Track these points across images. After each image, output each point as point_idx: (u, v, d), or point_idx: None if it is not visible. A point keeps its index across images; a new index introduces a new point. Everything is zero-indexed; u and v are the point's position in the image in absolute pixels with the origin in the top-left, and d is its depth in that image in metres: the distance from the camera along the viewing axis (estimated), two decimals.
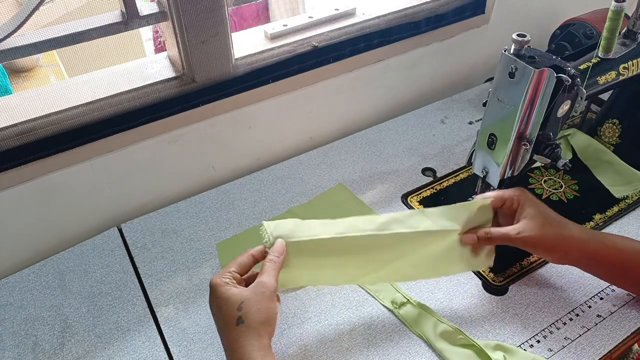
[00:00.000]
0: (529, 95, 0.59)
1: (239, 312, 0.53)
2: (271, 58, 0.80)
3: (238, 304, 0.53)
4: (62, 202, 0.75)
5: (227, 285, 0.55)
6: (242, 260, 0.58)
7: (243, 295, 0.54)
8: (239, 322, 0.52)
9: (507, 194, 0.64)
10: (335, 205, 0.80)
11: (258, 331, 0.52)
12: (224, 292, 0.54)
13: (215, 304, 0.55)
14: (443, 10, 0.93)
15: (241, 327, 0.52)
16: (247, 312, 0.53)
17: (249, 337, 0.52)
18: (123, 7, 0.66)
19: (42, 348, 0.64)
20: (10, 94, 1.32)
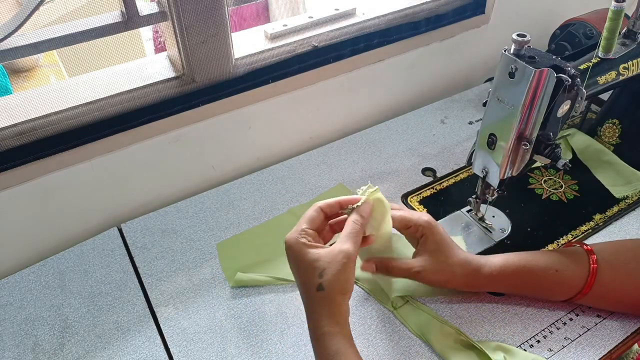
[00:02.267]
0: (529, 95, 0.59)
1: (320, 280, 0.52)
2: (271, 58, 0.80)
3: (320, 270, 0.52)
4: (62, 202, 0.75)
5: (305, 245, 0.54)
6: (312, 215, 0.56)
7: (325, 262, 0.52)
8: (320, 288, 0.52)
9: (413, 219, 0.61)
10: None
11: (337, 301, 0.52)
12: (305, 253, 0.53)
13: (295, 265, 0.54)
14: (443, 10, 0.93)
15: (321, 293, 0.52)
16: (328, 281, 0.52)
17: (326, 307, 0.52)
18: (123, 7, 0.66)
19: (42, 348, 0.64)
20: (10, 94, 1.32)
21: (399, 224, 0.62)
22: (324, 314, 0.52)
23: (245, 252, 0.73)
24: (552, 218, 0.78)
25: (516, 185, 0.79)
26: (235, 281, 0.69)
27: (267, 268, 0.71)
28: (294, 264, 0.54)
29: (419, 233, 0.61)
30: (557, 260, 0.62)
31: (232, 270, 0.71)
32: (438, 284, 0.63)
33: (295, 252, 0.54)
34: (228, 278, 0.70)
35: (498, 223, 0.77)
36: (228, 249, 0.74)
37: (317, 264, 0.52)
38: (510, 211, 0.78)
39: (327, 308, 0.52)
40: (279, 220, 0.78)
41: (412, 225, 0.61)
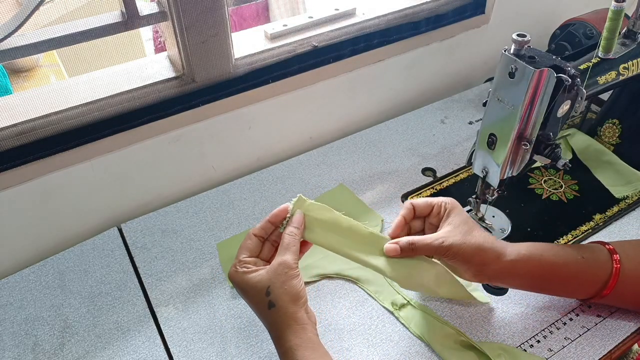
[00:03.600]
0: (529, 95, 0.59)
1: (268, 297, 0.53)
2: (271, 58, 0.80)
3: (265, 289, 0.54)
4: (62, 202, 0.75)
5: (245, 272, 0.55)
6: (246, 244, 0.58)
7: (267, 279, 0.54)
8: (271, 305, 0.53)
9: (435, 200, 0.61)
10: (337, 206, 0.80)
11: (291, 310, 0.53)
12: (247, 280, 0.55)
13: (244, 294, 0.56)
14: (443, 10, 0.93)
15: (274, 310, 0.53)
16: (276, 296, 0.53)
17: (283, 321, 0.53)
18: (123, 7, 0.66)
19: (42, 348, 0.64)
20: (10, 94, 1.32)
21: (423, 207, 0.61)
22: (283, 330, 0.53)
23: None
24: (552, 218, 0.78)
25: (516, 185, 0.79)
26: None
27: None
28: (243, 294, 0.56)
29: (443, 210, 0.60)
30: (581, 254, 0.60)
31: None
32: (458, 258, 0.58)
33: (238, 282, 0.55)
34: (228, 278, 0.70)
35: (498, 223, 0.77)
36: (228, 249, 0.74)
37: (260, 284, 0.54)
38: (510, 211, 0.78)
39: (283, 323, 0.53)
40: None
41: (436, 205, 0.61)
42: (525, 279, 0.60)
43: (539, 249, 0.60)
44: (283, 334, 0.53)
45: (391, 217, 0.79)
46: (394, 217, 0.78)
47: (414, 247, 0.58)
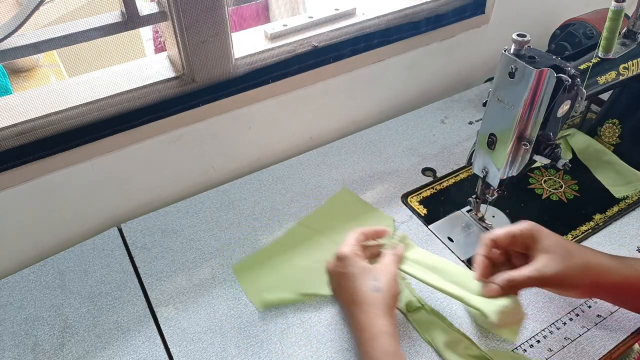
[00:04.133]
0: (529, 95, 0.59)
1: (375, 282, 0.57)
2: (271, 58, 0.80)
3: (374, 274, 0.58)
4: (62, 202, 0.75)
5: (358, 256, 0.59)
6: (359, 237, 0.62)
7: (378, 269, 0.58)
8: (376, 289, 0.56)
9: (516, 230, 0.58)
10: (344, 211, 0.79)
11: (391, 303, 0.56)
12: (359, 261, 0.59)
13: (349, 273, 0.58)
14: (443, 10, 0.93)
15: (378, 294, 0.56)
16: (384, 283, 0.57)
17: (382, 307, 0.55)
18: (123, 7, 0.66)
19: (42, 348, 0.64)
20: (10, 94, 1.32)
21: (504, 240, 0.59)
22: (380, 314, 0.55)
23: (265, 272, 0.71)
24: (552, 218, 0.78)
25: (516, 185, 0.79)
26: (262, 303, 0.66)
27: (291, 285, 0.68)
28: (349, 272, 0.58)
29: (528, 237, 0.58)
30: None
31: (255, 292, 0.68)
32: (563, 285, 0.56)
33: (351, 261, 0.59)
34: (253, 301, 0.67)
35: (498, 223, 0.77)
36: (246, 271, 0.71)
37: (372, 270, 0.58)
38: (510, 211, 0.78)
39: (383, 308, 0.55)
40: (292, 235, 0.76)
41: (518, 234, 0.58)
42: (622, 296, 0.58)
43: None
44: (378, 318, 0.54)
45: (391, 216, 0.79)
46: (394, 216, 0.78)
47: (515, 284, 0.57)
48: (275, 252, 0.73)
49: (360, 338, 0.55)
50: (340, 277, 0.59)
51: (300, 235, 0.76)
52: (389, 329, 0.54)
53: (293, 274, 0.70)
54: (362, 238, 0.63)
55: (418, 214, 0.79)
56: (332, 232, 0.75)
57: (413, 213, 0.79)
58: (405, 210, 0.80)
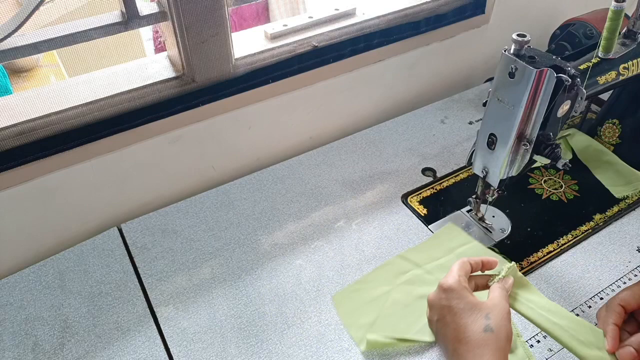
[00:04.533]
0: (529, 95, 0.59)
1: (487, 321, 0.51)
2: (271, 58, 0.80)
3: (486, 312, 0.51)
4: (62, 202, 0.75)
5: (466, 289, 0.53)
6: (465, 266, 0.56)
7: (490, 305, 0.52)
8: (487, 329, 0.50)
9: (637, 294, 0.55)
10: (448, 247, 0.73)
11: (503, 345, 0.50)
12: (468, 296, 0.53)
13: (456, 307, 0.52)
14: (443, 10, 0.93)
15: (489, 335, 0.50)
16: (497, 322, 0.51)
17: (493, 349, 0.49)
18: (123, 7, 0.66)
19: (42, 348, 0.64)
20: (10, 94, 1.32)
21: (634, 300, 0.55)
22: (491, 356, 0.49)
23: (365, 305, 0.67)
24: (552, 218, 0.78)
25: (516, 185, 0.79)
26: (368, 344, 0.61)
27: (392, 324, 0.64)
28: (454, 306, 0.53)
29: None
30: None
31: (355, 327, 0.64)
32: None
33: (458, 293, 0.53)
34: (353, 337, 0.63)
35: (498, 223, 0.77)
36: (346, 302, 0.67)
37: (482, 306, 0.52)
38: (510, 211, 0.78)
39: (494, 351, 0.50)
40: (390, 266, 0.71)
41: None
42: None
43: None
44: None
45: (391, 216, 0.79)
46: (394, 216, 0.78)
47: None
48: (374, 283, 0.69)
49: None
50: (445, 311, 0.53)
51: (399, 267, 0.71)
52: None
53: (393, 311, 0.65)
54: (469, 269, 0.57)
55: (418, 214, 0.79)
56: (434, 268, 0.70)
57: (413, 213, 0.79)
58: (405, 210, 0.80)
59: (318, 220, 0.79)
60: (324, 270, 0.72)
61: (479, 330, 0.50)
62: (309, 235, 0.77)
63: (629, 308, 0.55)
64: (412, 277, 0.69)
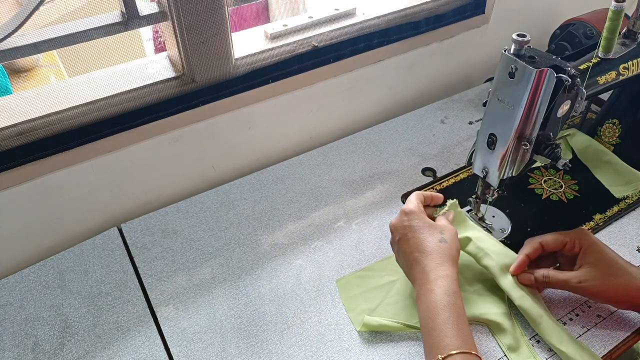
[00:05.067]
0: (529, 95, 0.59)
1: (442, 235, 0.61)
2: (271, 58, 0.80)
3: (440, 229, 0.62)
4: (62, 202, 0.75)
5: (424, 213, 0.64)
6: (421, 196, 0.67)
7: (443, 225, 0.63)
8: (442, 240, 0.61)
9: (567, 237, 0.62)
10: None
11: (454, 255, 0.60)
12: (425, 218, 0.64)
13: (417, 225, 0.62)
14: (443, 10, 0.93)
15: (444, 244, 0.60)
16: (449, 237, 0.61)
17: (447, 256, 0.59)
18: (123, 7, 0.66)
19: (42, 348, 0.64)
20: (10, 94, 1.32)
21: (554, 244, 0.63)
22: (444, 262, 0.59)
23: (369, 292, 0.68)
24: (552, 218, 0.78)
25: (516, 185, 0.79)
26: (364, 325, 0.63)
27: (394, 313, 0.65)
28: (415, 225, 0.62)
29: (577, 247, 0.62)
30: None
31: (356, 311, 0.66)
32: (599, 297, 0.61)
33: (418, 215, 0.63)
34: (353, 320, 0.65)
35: (498, 223, 0.77)
36: (349, 287, 0.69)
37: (436, 225, 0.63)
38: (510, 211, 0.78)
39: (449, 258, 0.59)
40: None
41: (568, 242, 0.62)
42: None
43: None
44: (443, 264, 0.58)
45: (391, 216, 0.78)
46: (394, 216, 0.78)
47: (548, 281, 0.61)
48: (379, 272, 0.70)
49: (423, 280, 0.58)
50: (407, 230, 0.62)
51: None
52: (453, 274, 0.58)
53: (396, 300, 0.66)
54: (423, 199, 0.67)
55: None
56: None
57: None
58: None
59: (318, 220, 0.79)
60: (324, 270, 0.72)
61: (436, 241, 0.60)
62: (309, 235, 0.77)
63: (547, 248, 0.64)
64: None
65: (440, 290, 0.56)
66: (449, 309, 0.55)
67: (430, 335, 0.55)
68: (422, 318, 0.57)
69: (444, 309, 0.55)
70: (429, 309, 0.56)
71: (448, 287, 0.56)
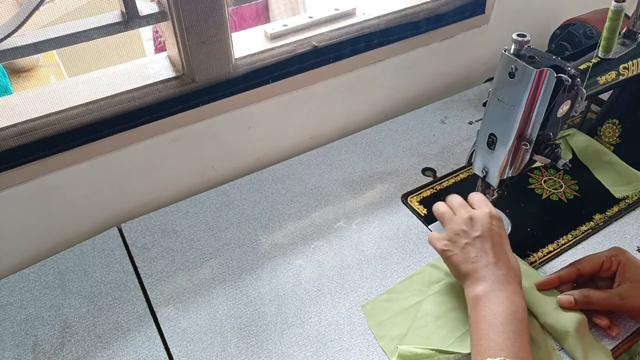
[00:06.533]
0: (529, 95, 0.59)
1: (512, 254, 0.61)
2: (271, 58, 0.80)
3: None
4: (62, 202, 0.75)
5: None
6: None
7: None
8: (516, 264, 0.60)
9: (603, 256, 0.62)
10: None
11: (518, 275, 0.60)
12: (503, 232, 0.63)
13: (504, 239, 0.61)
14: (443, 10, 0.93)
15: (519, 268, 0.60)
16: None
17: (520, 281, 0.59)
18: (123, 7, 0.66)
19: (42, 348, 0.64)
20: (10, 94, 1.32)
21: (590, 266, 0.63)
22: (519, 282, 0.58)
23: (396, 316, 0.66)
24: (552, 218, 0.78)
25: (516, 185, 0.79)
26: (399, 356, 0.61)
27: (426, 336, 0.63)
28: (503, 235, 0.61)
29: (615, 264, 0.62)
30: None
31: (387, 339, 0.63)
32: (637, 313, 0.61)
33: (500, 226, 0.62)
34: (385, 349, 0.62)
35: None
36: (375, 313, 0.66)
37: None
38: (510, 211, 0.78)
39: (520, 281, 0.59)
40: (421, 275, 0.70)
41: (605, 260, 0.62)
42: None
43: None
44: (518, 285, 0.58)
45: (391, 216, 0.79)
46: (394, 216, 0.78)
47: (589, 300, 0.60)
48: (404, 294, 0.68)
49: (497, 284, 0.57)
50: (494, 234, 0.60)
51: (430, 276, 0.70)
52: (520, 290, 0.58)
53: (425, 323, 0.64)
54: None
55: (418, 214, 0.79)
56: None
57: (413, 213, 0.79)
58: (405, 210, 0.80)
59: (318, 220, 0.79)
60: (324, 270, 0.72)
61: (516, 261, 0.60)
62: (309, 235, 0.77)
63: (583, 271, 0.63)
64: (443, 288, 0.68)
65: (518, 298, 0.56)
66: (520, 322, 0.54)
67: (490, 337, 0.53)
68: (485, 317, 0.55)
69: (515, 318, 0.54)
70: (501, 314, 0.54)
71: (519, 305, 0.56)
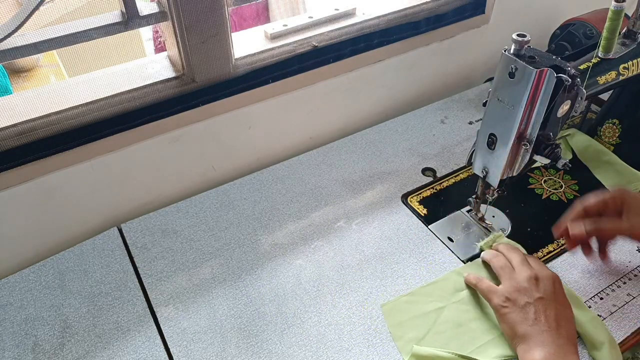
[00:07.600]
0: (529, 95, 0.59)
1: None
2: (271, 58, 0.80)
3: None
4: (62, 202, 0.75)
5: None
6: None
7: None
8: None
9: (607, 196, 0.65)
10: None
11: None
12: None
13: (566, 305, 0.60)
14: (443, 10, 0.93)
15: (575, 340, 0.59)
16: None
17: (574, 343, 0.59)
18: (123, 7, 0.66)
19: (42, 348, 0.64)
20: (10, 94, 1.32)
21: (595, 205, 0.65)
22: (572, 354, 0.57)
23: (416, 319, 0.65)
24: (552, 218, 0.77)
25: (516, 185, 0.79)
26: (413, 355, 0.61)
27: (444, 341, 0.63)
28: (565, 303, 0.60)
29: (618, 202, 0.64)
30: None
31: (404, 340, 0.63)
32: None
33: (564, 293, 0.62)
34: (400, 349, 0.62)
35: (498, 223, 0.77)
36: (394, 313, 0.66)
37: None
38: (510, 211, 0.78)
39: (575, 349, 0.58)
40: (446, 282, 0.69)
41: (609, 200, 0.64)
42: None
43: None
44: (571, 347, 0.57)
45: (391, 216, 0.79)
46: (394, 216, 0.78)
47: (599, 227, 0.63)
48: (426, 298, 0.68)
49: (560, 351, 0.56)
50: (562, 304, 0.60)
51: (453, 283, 0.69)
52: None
53: (444, 329, 0.64)
54: None
55: (418, 214, 0.79)
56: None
57: (413, 213, 0.79)
58: (405, 210, 0.80)
59: (318, 220, 0.79)
60: (324, 270, 0.72)
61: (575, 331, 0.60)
62: (309, 235, 0.77)
63: (589, 210, 0.65)
64: (467, 297, 0.67)
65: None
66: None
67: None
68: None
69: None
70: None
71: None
